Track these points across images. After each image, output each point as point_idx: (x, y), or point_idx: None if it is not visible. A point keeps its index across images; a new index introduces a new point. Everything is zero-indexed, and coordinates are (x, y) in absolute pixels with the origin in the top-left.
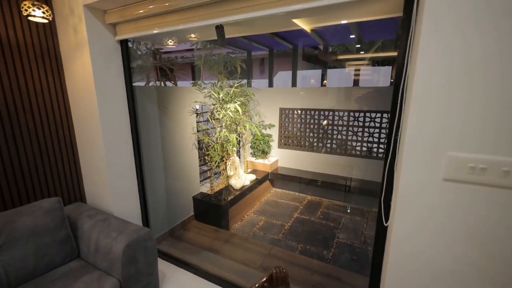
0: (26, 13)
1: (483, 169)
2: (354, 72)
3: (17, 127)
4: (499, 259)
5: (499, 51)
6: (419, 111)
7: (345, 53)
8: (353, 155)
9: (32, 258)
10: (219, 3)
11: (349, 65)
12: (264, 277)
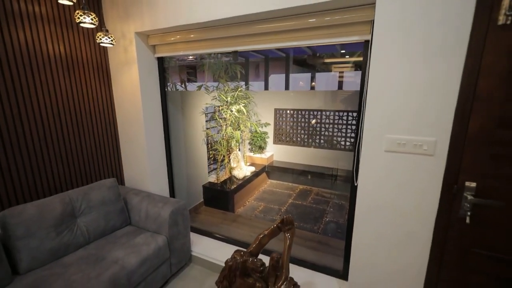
0: (99, 41)
1: (403, 144)
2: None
3: (81, 127)
4: (409, 195)
5: (419, 72)
6: (371, 111)
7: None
8: (338, 149)
9: (102, 221)
10: (238, 37)
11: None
12: (278, 221)
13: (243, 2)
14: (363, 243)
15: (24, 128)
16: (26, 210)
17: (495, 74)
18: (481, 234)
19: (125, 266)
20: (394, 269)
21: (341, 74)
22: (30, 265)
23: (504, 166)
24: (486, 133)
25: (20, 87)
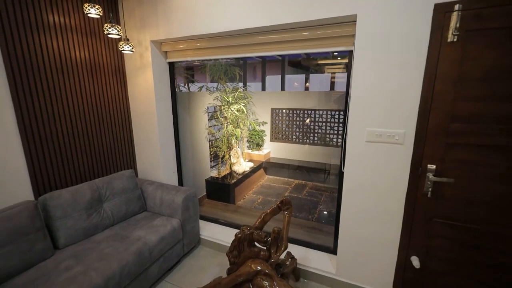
0: (121, 49)
1: (380, 135)
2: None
3: (101, 124)
4: (384, 176)
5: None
6: (354, 108)
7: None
8: (331, 145)
9: (124, 206)
10: (241, 46)
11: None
12: (278, 202)
13: (249, 17)
14: (349, 220)
15: (56, 124)
16: (62, 195)
17: (447, 80)
18: (439, 206)
19: (147, 242)
20: (374, 240)
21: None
22: (67, 241)
23: (456, 152)
24: (442, 126)
25: (53, 89)
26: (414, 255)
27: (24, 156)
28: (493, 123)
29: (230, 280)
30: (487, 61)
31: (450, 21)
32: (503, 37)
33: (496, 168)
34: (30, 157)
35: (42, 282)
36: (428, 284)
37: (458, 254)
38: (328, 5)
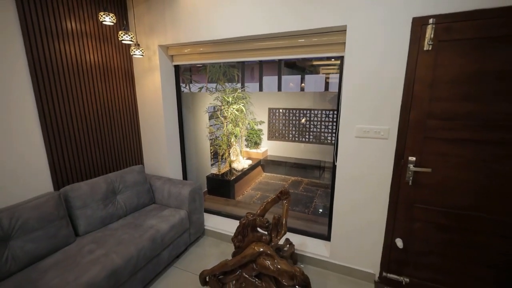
0: (132, 53)
1: (368, 131)
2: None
3: (112, 122)
4: (372, 167)
5: (376, 81)
6: (345, 108)
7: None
8: (325, 143)
9: (135, 198)
10: (242, 51)
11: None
12: (278, 192)
13: (250, 25)
14: (341, 208)
15: (73, 123)
16: (81, 187)
17: (423, 83)
18: (418, 193)
19: (159, 230)
20: (363, 225)
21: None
22: (87, 229)
23: (432, 145)
24: (420, 123)
25: (70, 91)
26: (398, 237)
27: (45, 153)
28: (459, 120)
29: (236, 261)
30: (455, 67)
31: (426, 33)
32: (467, 48)
33: (464, 159)
34: (50, 153)
35: (70, 263)
36: (410, 263)
37: (435, 235)
38: (322, 16)
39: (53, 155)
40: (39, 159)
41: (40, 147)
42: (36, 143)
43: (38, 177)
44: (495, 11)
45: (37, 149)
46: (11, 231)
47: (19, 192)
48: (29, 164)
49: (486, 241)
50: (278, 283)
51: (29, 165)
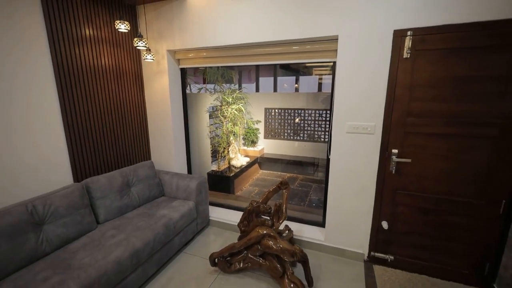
0: (144, 57)
1: (357, 127)
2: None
3: (123, 121)
4: (361, 159)
5: (364, 84)
6: (337, 107)
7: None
8: (319, 141)
9: (147, 191)
10: (242, 56)
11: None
12: (278, 182)
13: (251, 33)
14: (334, 196)
15: (90, 122)
16: (100, 179)
17: (403, 86)
18: (400, 180)
19: (171, 218)
20: (353, 212)
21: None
22: (106, 217)
23: (411, 139)
24: (401, 120)
25: (88, 92)
26: (384, 220)
27: (67, 149)
28: (433, 118)
29: (243, 243)
30: (428, 73)
31: (405, 43)
32: (438, 56)
33: (438, 150)
34: (71, 149)
35: (96, 245)
36: (394, 242)
37: (415, 217)
38: (317, 27)
39: (73, 151)
40: (61, 155)
41: (62, 144)
42: (59, 140)
43: (60, 171)
44: (460, 26)
45: (60, 147)
46: (45, 217)
47: (45, 183)
48: (54, 160)
49: (457, 221)
50: (280, 261)
51: (53, 161)
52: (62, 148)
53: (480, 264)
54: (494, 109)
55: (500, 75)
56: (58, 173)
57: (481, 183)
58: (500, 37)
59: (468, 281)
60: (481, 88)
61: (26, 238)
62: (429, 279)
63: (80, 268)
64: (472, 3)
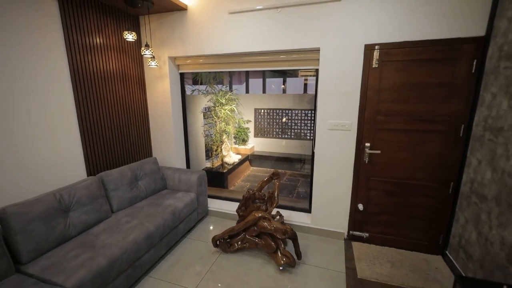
0: (148, 62)
1: (336, 125)
2: (304, 80)
3: (128, 121)
4: (340, 152)
5: (342, 88)
6: (320, 107)
7: None
8: (305, 139)
9: (152, 184)
10: (234, 63)
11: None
12: (270, 174)
13: (244, 44)
14: (319, 185)
15: (100, 121)
16: (112, 173)
17: (373, 90)
18: (373, 169)
19: (176, 207)
20: (335, 197)
21: (306, 79)
22: (119, 207)
23: (380, 134)
24: (372, 118)
25: (98, 95)
26: (360, 203)
27: (81, 146)
28: (396, 116)
29: (241, 226)
30: (392, 79)
31: (374, 55)
32: (399, 66)
33: (401, 143)
34: (85, 146)
35: (114, 229)
36: (368, 221)
37: (385, 199)
38: (303, 40)
39: (87, 148)
40: (77, 152)
41: (77, 143)
42: (75, 139)
43: (76, 166)
44: (414, 43)
45: (76, 144)
46: (70, 205)
47: (64, 177)
48: (71, 156)
49: (417, 201)
50: (274, 239)
51: (70, 157)
52: (77, 145)
53: (436, 236)
54: (442, 109)
55: (446, 82)
56: (74, 167)
57: (434, 169)
58: (445, 52)
59: (427, 250)
60: (433, 92)
61: (56, 222)
62: (397, 251)
63: (104, 247)
64: (423, 25)
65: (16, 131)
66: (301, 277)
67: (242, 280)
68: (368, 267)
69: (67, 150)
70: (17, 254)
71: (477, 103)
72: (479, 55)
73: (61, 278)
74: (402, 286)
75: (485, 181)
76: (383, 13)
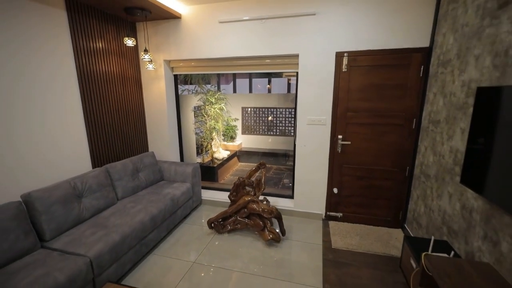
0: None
1: (314, 120)
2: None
3: (127, 118)
4: (317, 144)
5: (318, 89)
6: (300, 105)
7: None
8: (289, 135)
9: (151, 175)
10: (224, 66)
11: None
12: (257, 164)
13: (232, 49)
14: (300, 173)
15: (103, 119)
16: (116, 165)
17: (344, 90)
18: (345, 157)
19: (175, 194)
20: (314, 183)
21: (289, 79)
22: (123, 195)
23: (350, 128)
24: (343, 114)
25: (101, 94)
26: (335, 187)
27: (87, 141)
28: (363, 112)
29: (233, 209)
30: (358, 82)
31: (343, 61)
32: (364, 70)
33: (367, 135)
34: (90, 141)
35: (121, 213)
36: (342, 202)
37: (355, 183)
38: (284, 47)
39: (92, 142)
40: (83, 146)
41: (84, 138)
42: (82, 135)
43: (83, 159)
44: (376, 51)
45: (82, 139)
46: (83, 191)
47: (73, 168)
48: (79, 150)
49: (381, 183)
50: (261, 219)
51: (79, 151)
52: (84, 139)
53: (396, 212)
54: (398, 106)
55: (401, 84)
56: (81, 160)
57: (394, 156)
58: (399, 59)
59: (390, 225)
60: (390, 92)
61: (72, 206)
62: (365, 227)
63: (115, 226)
64: (382, 37)
65: (35, 127)
66: (285, 249)
67: (235, 254)
68: (341, 240)
69: (76, 143)
70: (41, 232)
71: (424, 101)
72: (425, 62)
73: (83, 250)
74: (367, 252)
75: (429, 163)
76: (350, 27)
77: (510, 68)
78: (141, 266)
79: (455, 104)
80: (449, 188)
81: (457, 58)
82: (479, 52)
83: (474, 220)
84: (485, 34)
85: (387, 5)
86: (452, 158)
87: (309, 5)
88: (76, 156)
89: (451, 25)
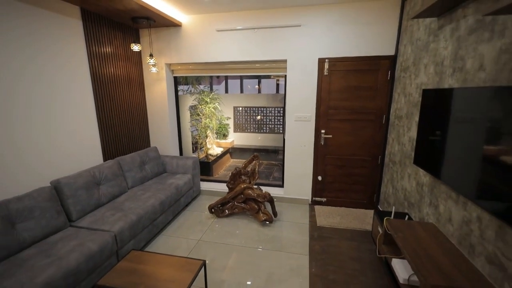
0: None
1: (300, 117)
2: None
3: (132, 116)
4: (304, 138)
5: (304, 90)
6: (288, 104)
7: None
8: (278, 133)
9: (156, 168)
10: (219, 69)
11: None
12: (251, 156)
13: (228, 54)
14: (289, 164)
15: (112, 117)
16: (126, 158)
17: (325, 91)
18: (327, 149)
19: (178, 184)
20: (301, 172)
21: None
22: (132, 184)
23: (332, 123)
24: (325, 112)
25: (111, 95)
26: (319, 175)
27: (99, 137)
28: (342, 110)
29: (231, 195)
30: (338, 84)
31: (325, 66)
32: (342, 74)
33: (345, 129)
34: (102, 137)
35: (134, 199)
36: (325, 189)
37: (336, 171)
38: (273, 53)
39: (103, 138)
40: (96, 141)
41: (96, 134)
42: (94, 131)
43: (95, 153)
44: (352, 58)
45: (95, 135)
46: (100, 180)
47: (87, 160)
48: (91, 145)
49: (358, 171)
50: (256, 203)
51: (92, 145)
52: (96, 135)
53: (371, 196)
54: (371, 105)
55: (372, 86)
56: (94, 153)
57: (369, 147)
58: (371, 65)
59: (366, 207)
60: (364, 93)
61: (93, 192)
62: (346, 209)
63: (130, 209)
64: (357, 46)
65: (55, 125)
66: (277, 228)
67: (233, 233)
68: (324, 219)
69: (90, 138)
70: (68, 213)
71: (391, 100)
72: (391, 68)
73: (107, 227)
74: (346, 228)
75: (395, 151)
76: (331, 37)
77: (445, 75)
78: (152, 244)
79: (412, 102)
80: (408, 170)
81: (413, 65)
82: (427, 62)
83: (424, 192)
84: (430, 48)
85: (361, 19)
86: (410, 146)
87: (295, 18)
88: (91, 150)
89: (410, 38)
